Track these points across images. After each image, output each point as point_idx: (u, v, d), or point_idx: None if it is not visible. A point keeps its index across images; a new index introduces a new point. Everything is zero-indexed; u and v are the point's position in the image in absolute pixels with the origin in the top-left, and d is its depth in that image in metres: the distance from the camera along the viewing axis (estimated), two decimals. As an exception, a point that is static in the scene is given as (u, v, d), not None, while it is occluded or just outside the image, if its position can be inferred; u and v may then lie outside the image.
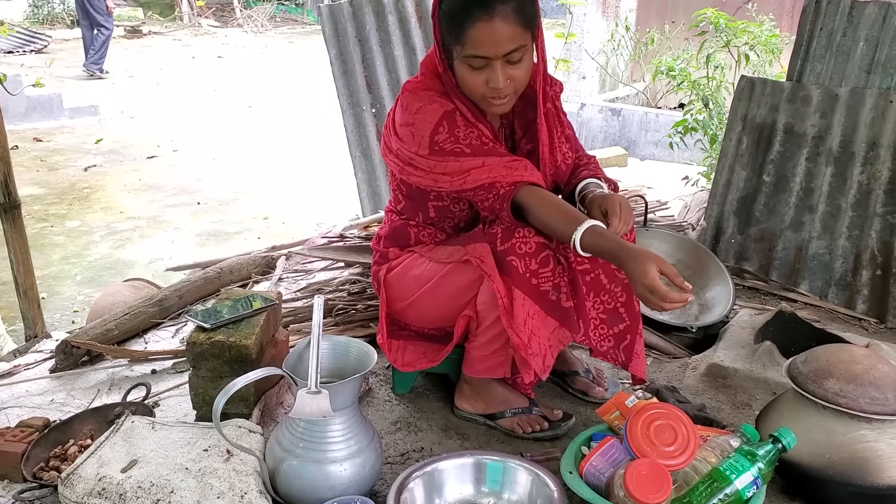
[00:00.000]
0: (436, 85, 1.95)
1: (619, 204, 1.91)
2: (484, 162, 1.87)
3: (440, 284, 2.03)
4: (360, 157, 4.01)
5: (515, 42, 1.79)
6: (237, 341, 2.01)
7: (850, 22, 3.04)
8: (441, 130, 1.89)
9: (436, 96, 1.93)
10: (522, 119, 2.08)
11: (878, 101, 2.95)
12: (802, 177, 3.14)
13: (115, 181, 7.05)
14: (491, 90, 1.84)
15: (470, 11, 1.76)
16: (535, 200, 1.86)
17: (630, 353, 2.11)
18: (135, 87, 11.22)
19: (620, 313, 2.08)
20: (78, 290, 4.88)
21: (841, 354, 1.89)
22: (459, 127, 1.90)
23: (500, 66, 1.80)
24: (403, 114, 1.95)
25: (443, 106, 1.91)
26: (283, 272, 3.26)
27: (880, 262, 3.00)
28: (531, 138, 2.07)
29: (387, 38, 3.96)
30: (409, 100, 1.95)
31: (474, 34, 1.77)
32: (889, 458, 1.76)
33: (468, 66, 1.83)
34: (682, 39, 7.56)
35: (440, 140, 1.89)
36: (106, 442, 1.83)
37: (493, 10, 1.74)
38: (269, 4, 19.24)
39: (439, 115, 1.90)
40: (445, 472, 1.80)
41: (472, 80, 1.84)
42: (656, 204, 4.07)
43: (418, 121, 1.91)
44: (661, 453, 1.71)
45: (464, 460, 1.83)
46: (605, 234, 1.77)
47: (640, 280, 1.67)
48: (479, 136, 1.91)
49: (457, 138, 1.89)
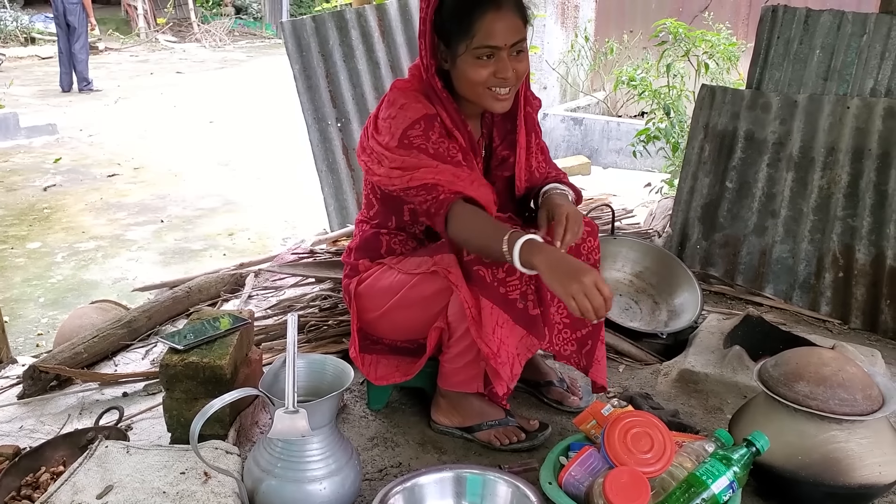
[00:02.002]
0: (423, 89, 1.99)
1: (567, 215, 1.91)
2: (438, 165, 1.90)
3: (409, 296, 2.03)
4: (327, 171, 4.00)
5: (520, 33, 1.89)
6: (211, 362, 2.00)
7: (806, 30, 3.11)
8: (417, 127, 1.92)
9: (422, 97, 1.97)
10: (501, 129, 2.13)
11: (836, 108, 3.02)
12: (764, 182, 3.20)
13: (76, 201, 6.94)
14: (498, 80, 1.89)
15: (479, 3, 1.85)
16: (471, 214, 1.88)
17: (591, 359, 2.14)
18: (93, 105, 11.07)
19: (583, 319, 2.10)
20: (41, 312, 4.79)
21: (810, 357, 1.92)
22: (435, 132, 1.93)
23: (507, 56, 1.88)
24: (388, 108, 1.98)
25: (426, 108, 1.95)
26: (253, 290, 3.24)
27: (842, 264, 3.06)
28: (508, 146, 2.13)
29: (350, 52, 3.96)
30: (396, 95, 1.99)
31: (485, 25, 1.84)
32: (859, 457, 1.80)
33: (475, 58, 1.88)
34: (641, 49, 7.68)
35: (412, 135, 1.92)
36: (79, 468, 1.80)
37: (500, 3, 1.85)
38: (227, 19, 19.14)
39: (420, 115, 1.93)
40: (426, 486, 1.80)
41: (479, 73, 1.89)
42: (622, 212, 4.12)
43: (399, 115, 1.94)
44: (639, 461, 1.73)
45: (443, 475, 1.82)
46: (539, 247, 1.75)
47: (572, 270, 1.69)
48: (449, 147, 1.94)
49: (428, 138, 1.92)
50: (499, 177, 2.14)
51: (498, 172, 2.14)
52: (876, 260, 2.99)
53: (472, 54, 1.88)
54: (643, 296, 3.07)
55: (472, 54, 1.88)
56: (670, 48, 5.74)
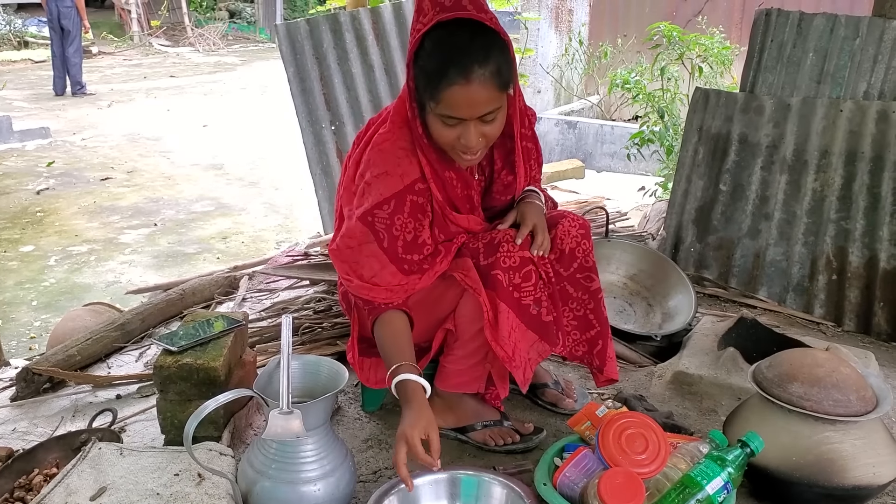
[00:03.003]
0: (404, 135, 1.91)
1: (534, 226, 1.97)
2: (377, 274, 1.90)
3: (418, 300, 2.02)
4: (321, 174, 4.00)
5: (491, 105, 1.76)
6: (205, 363, 1.99)
7: (800, 33, 3.12)
8: (385, 208, 1.88)
9: (402, 158, 1.89)
10: (501, 149, 2.06)
11: (829, 111, 3.03)
12: (758, 185, 3.21)
13: (69, 204, 6.93)
14: (462, 146, 1.81)
15: (447, 74, 1.71)
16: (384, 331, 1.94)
17: (604, 358, 2.13)
18: (86, 109, 11.05)
19: (590, 320, 2.11)
20: (34, 315, 4.78)
21: (804, 359, 1.93)
22: (404, 212, 1.89)
23: (473, 125, 1.78)
24: (368, 168, 1.92)
25: (402, 180, 1.88)
26: (247, 292, 3.23)
27: (835, 266, 3.07)
28: (511, 169, 2.07)
29: (344, 55, 3.96)
30: (377, 158, 1.91)
31: (449, 96, 1.73)
32: (853, 458, 1.80)
33: (441, 122, 1.79)
34: (635, 52, 7.70)
35: (378, 215, 1.88)
36: (73, 470, 1.79)
37: (470, 76, 1.70)
38: (221, 23, 19.13)
39: (393, 192, 1.87)
40: (420, 488, 1.80)
41: (445, 134, 1.81)
42: (616, 215, 4.12)
43: (375, 184, 1.88)
44: (633, 461, 1.74)
45: (438, 476, 1.83)
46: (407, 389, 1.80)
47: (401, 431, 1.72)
48: (415, 228, 1.91)
49: (391, 224, 1.88)
50: (500, 201, 2.12)
51: (500, 197, 2.11)
52: (869, 262, 3.00)
53: (437, 118, 1.79)
54: (637, 298, 3.07)
55: (438, 118, 1.79)
56: (664, 52, 5.76)
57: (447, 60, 1.72)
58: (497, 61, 1.74)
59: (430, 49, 1.76)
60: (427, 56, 1.77)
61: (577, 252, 2.07)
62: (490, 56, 1.72)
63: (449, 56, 1.72)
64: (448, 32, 1.74)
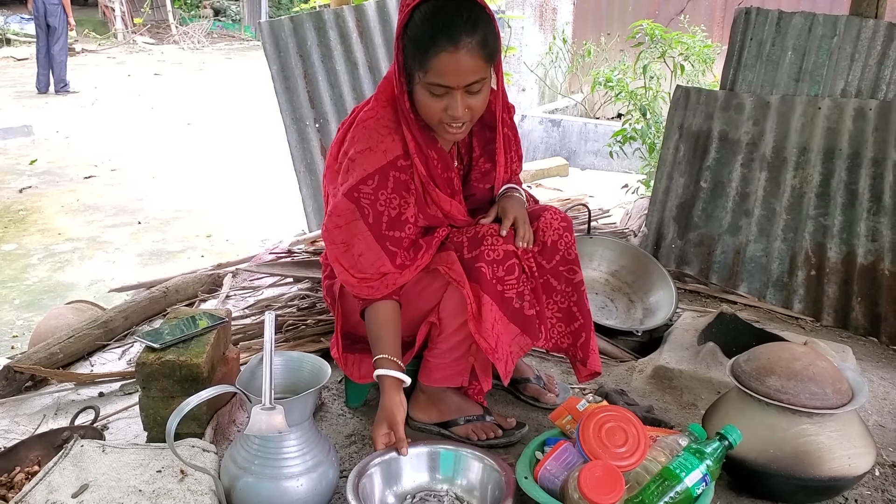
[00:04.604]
0: (388, 114, 1.95)
1: (515, 219, 2.01)
2: (360, 257, 1.94)
3: (402, 293, 2.04)
4: (305, 172, 4.00)
5: (477, 74, 1.81)
6: (188, 360, 1.99)
7: (779, 32, 3.15)
8: (369, 183, 1.91)
9: (386, 135, 1.93)
10: (480, 138, 2.11)
11: (808, 108, 3.07)
12: (738, 182, 3.24)
13: (52, 202, 6.89)
14: (449, 117, 1.85)
15: (436, 42, 1.77)
16: (373, 318, 1.99)
17: (587, 350, 2.16)
18: (69, 106, 10.98)
19: (574, 312, 2.14)
20: (16, 314, 4.76)
21: (781, 352, 1.95)
22: (387, 187, 1.92)
23: (460, 95, 1.82)
24: (352, 145, 1.95)
25: (385, 155, 1.92)
26: (231, 290, 3.23)
27: (814, 262, 3.11)
28: (489, 157, 2.12)
29: (328, 53, 3.96)
30: (360, 135, 1.95)
31: (438, 64, 1.78)
32: (829, 450, 1.83)
33: (428, 92, 1.84)
34: (618, 51, 7.74)
35: (363, 190, 1.91)
36: (55, 467, 1.79)
37: (458, 43, 1.76)
38: (206, 21, 19.06)
39: (376, 167, 1.91)
40: (402, 460, 1.88)
41: (431, 106, 1.85)
42: (598, 212, 4.15)
43: (359, 160, 1.92)
44: (613, 455, 1.75)
45: (420, 450, 1.91)
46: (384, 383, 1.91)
47: (380, 417, 1.88)
48: (398, 205, 1.94)
49: (375, 199, 1.92)
50: (480, 189, 2.15)
51: (479, 185, 2.14)
52: (847, 258, 3.04)
53: (425, 87, 1.84)
54: (619, 294, 3.10)
55: (426, 88, 1.84)
56: (646, 50, 5.79)
57: (436, 28, 1.78)
58: (484, 32, 1.80)
59: (419, 20, 1.82)
60: (416, 27, 1.82)
61: (560, 244, 2.09)
62: (477, 26, 1.79)
63: (438, 25, 1.79)
64: (436, 5, 1.81)
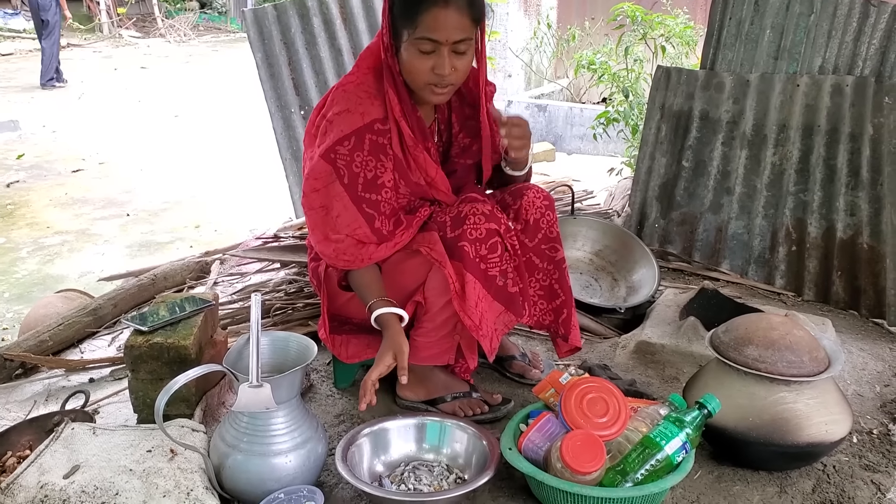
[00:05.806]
0: (370, 80, 2.00)
1: (508, 121, 2.03)
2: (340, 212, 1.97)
3: (387, 272, 2.08)
4: (291, 159, 4.01)
5: (464, 32, 1.87)
6: (176, 342, 2.02)
7: (757, 10, 3.18)
8: (346, 144, 1.95)
9: (364, 99, 1.97)
10: (459, 114, 2.16)
11: (786, 86, 3.10)
12: (719, 161, 3.27)
13: (40, 196, 6.88)
14: (436, 76, 1.90)
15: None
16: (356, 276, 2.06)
17: (568, 326, 2.21)
18: (56, 100, 10.94)
19: (556, 289, 2.18)
20: (6, 307, 4.76)
21: (759, 323, 1.99)
22: (364, 150, 1.96)
23: (447, 53, 1.87)
24: (331, 107, 2.00)
25: (363, 118, 1.96)
26: (219, 276, 3.25)
27: (795, 238, 3.14)
28: (469, 133, 2.16)
29: (312, 40, 3.97)
30: (339, 97, 2.00)
31: (428, 18, 1.84)
32: (807, 417, 1.87)
33: (417, 49, 1.88)
34: (603, 35, 7.74)
35: (339, 151, 1.95)
36: (46, 450, 1.81)
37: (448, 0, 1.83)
38: (192, 13, 18.96)
39: (353, 129, 1.95)
40: (391, 431, 2.00)
41: (418, 65, 1.89)
42: (582, 193, 4.17)
43: (336, 121, 1.97)
44: (595, 425, 1.79)
45: (407, 421, 2.03)
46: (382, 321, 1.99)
47: (378, 355, 1.96)
48: (376, 167, 1.97)
49: (351, 161, 1.95)
50: (461, 164, 2.18)
51: (460, 160, 2.18)
52: (827, 233, 3.07)
53: (413, 45, 1.88)
54: (603, 273, 3.13)
55: (414, 45, 1.88)
56: (628, 32, 5.80)
57: None
58: None
59: None
60: None
61: (542, 223, 2.12)
62: None
63: None
64: None
